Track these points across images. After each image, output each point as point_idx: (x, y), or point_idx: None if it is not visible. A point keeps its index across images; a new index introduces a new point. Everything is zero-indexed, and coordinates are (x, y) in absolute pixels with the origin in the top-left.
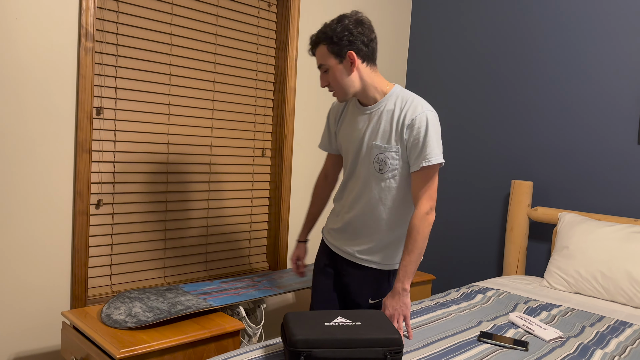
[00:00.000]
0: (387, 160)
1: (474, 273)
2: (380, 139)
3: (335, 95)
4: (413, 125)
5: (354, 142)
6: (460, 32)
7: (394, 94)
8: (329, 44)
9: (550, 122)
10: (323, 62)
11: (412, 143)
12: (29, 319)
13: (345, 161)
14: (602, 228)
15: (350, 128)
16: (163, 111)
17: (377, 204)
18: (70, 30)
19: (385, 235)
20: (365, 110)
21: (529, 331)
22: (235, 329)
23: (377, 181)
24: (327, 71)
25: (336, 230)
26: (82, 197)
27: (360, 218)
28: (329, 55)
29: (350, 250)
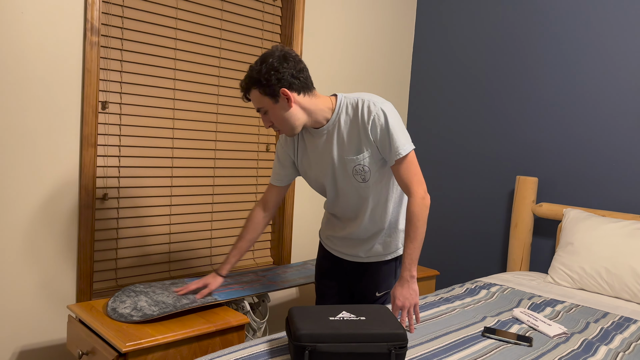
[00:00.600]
0: (364, 168)
1: (478, 269)
2: (350, 152)
3: (283, 132)
4: (375, 124)
5: (324, 164)
6: (465, 27)
7: (341, 105)
8: (259, 87)
9: (556, 118)
10: (260, 105)
11: (380, 141)
12: (34, 313)
13: (322, 185)
14: (607, 224)
15: (313, 153)
16: (168, 106)
17: (376, 207)
18: (76, 25)
19: (386, 229)
20: (322, 131)
21: (533, 327)
22: (240, 323)
23: (366, 190)
24: (267, 112)
25: (338, 238)
26: (87, 191)
27: (362, 226)
28: (262, 97)
29: (354, 252)
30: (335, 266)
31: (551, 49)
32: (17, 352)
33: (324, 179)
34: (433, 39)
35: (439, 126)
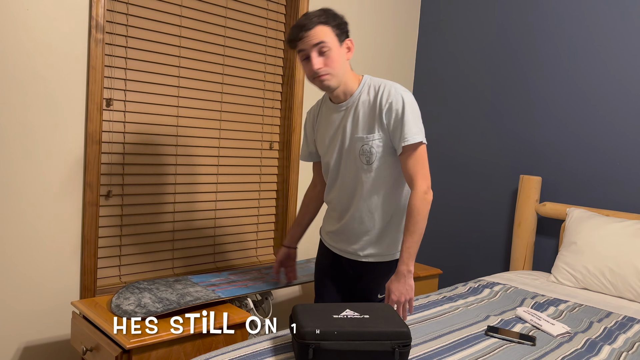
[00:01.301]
0: (372, 150)
1: (481, 268)
2: (361, 131)
3: (326, 80)
4: (391, 108)
5: (335, 141)
6: (469, 26)
7: (365, 84)
8: (331, 25)
9: (559, 117)
10: (325, 39)
11: (392, 126)
12: (39, 309)
13: (327, 163)
14: (611, 224)
15: (328, 129)
16: (172, 103)
17: (370, 195)
18: (81, 22)
19: (383, 225)
20: (340, 107)
21: (537, 326)
22: (243, 320)
23: (367, 173)
24: (326, 52)
25: (334, 232)
26: (91, 188)
27: (357, 215)
28: (330, 34)
29: (351, 249)
30: (335, 265)
31: (555, 48)
32: (22, 348)
33: (331, 156)
34: (437, 37)
35: (443, 125)
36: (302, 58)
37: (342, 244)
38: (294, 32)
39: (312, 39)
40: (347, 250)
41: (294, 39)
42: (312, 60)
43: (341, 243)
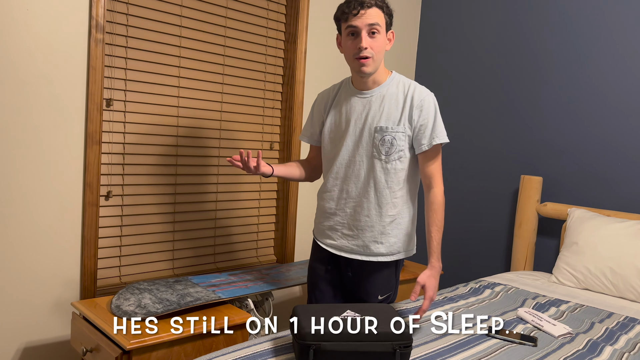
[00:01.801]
0: (394, 141)
1: (482, 268)
2: (385, 121)
3: (366, 64)
4: (422, 105)
5: (353, 127)
6: (469, 27)
7: (394, 79)
8: (384, 12)
9: (560, 117)
10: (377, 21)
11: (421, 123)
12: (39, 310)
13: (336, 149)
14: (612, 224)
15: (346, 114)
16: (172, 103)
17: (383, 189)
18: (81, 22)
19: (391, 221)
20: (364, 94)
21: (538, 327)
22: (243, 321)
23: (382, 165)
24: (375, 35)
25: (338, 228)
26: (91, 188)
27: (365, 207)
28: (383, 20)
29: (356, 247)
30: (331, 267)
31: (557, 48)
32: (22, 349)
33: (344, 142)
34: (438, 37)
35: (444, 125)
36: (348, 33)
37: (346, 240)
38: (351, 5)
39: (369, 18)
40: (350, 249)
41: (349, 12)
42: (363, 38)
43: (345, 240)
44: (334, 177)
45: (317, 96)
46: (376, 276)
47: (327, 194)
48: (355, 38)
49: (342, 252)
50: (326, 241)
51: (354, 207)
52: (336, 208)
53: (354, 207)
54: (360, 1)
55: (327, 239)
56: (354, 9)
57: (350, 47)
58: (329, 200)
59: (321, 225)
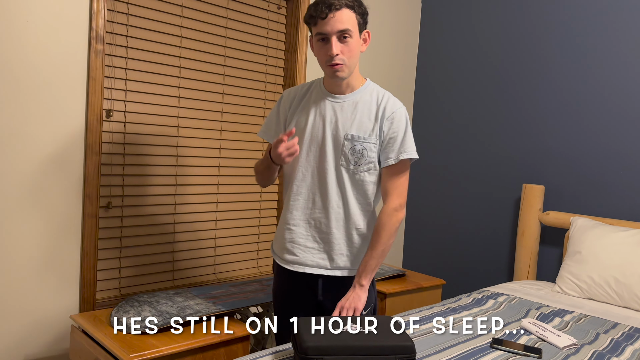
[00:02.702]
0: (364, 152)
1: (484, 277)
2: (357, 130)
3: (339, 70)
4: (393, 118)
5: (319, 131)
6: (470, 35)
7: (369, 87)
8: (356, 12)
9: (562, 125)
10: (348, 27)
11: (390, 136)
12: (38, 322)
13: (302, 154)
14: (616, 233)
15: (314, 116)
16: (172, 113)
17: (351, 200)
18: (81, 33)
19: (361, 235)
20: (337, 98)
21: (542, 338)
22: (244, 334)
23: (349, 175)
24: (347, 40)
25: (300, 241)
26: (91, 199)
27: (333, 218)
28: (354, 21)
29: (321, 260)
30: (297, 289)
31: (558, 55)
32: None
33: (309, 146)
34: (438, 45)
35: (445, 133)
36: (318, 39)
37: (312, 255)
38: (319, 8)
39: (338, 23)
40: (312, 262)
41: (317, 16)
42: (333, 45)
43: (311, 255)
44: (298, 185)
45: (283, 92)
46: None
47: (290, 203)
48: (326, 44)
49: (306, 268)
50: (286, 257)
51: (319, 218)
52: (300, 218)
53: (319, 218)
54: (328, 3)
55: (287, 254)
56: (321, 12)
57: (322, 53)
58: (292, 210)
59: (281, 239)
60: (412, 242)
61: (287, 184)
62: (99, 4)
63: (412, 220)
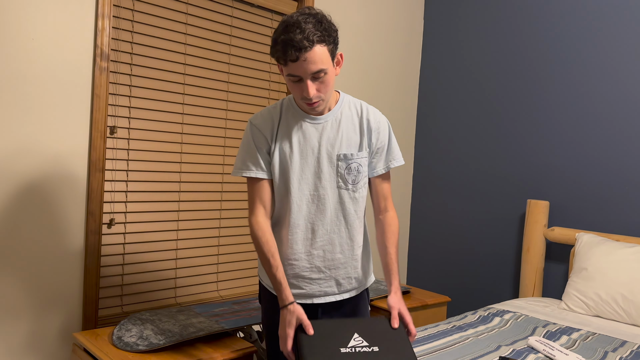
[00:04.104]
0: (360, 168)
1: (489, 294)
2: (347, 148)
3: (318, 107)
4: (379, 128)
5: (308, 157)
6: (475, 47)
7: (345, 100)
8: (328, 43)
9: (567, 140)
10: (322, 67)
11: (378, 146)
12: (39, 340)
13: (293, 184)
14: (622, 249)
15: (297, 142)
16: (176, 130)
17: (354, 220)
18: (86, 50)
19: (361, 250)
20: (317, 119)
21: (550, 356)
22: (248, 352)
23: (349, 194)
24: (322, 78)
25: (304, 275)
26: (94, 216)
27: (337, 244)
28: (327, 56)
29: (329, 288)
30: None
31: (563, 72)
32: None
33: (301, 174)
34: (441, 58)
35: (449, 148)
36: (290, 79)
37: (313, 285)
38: (287, 51)
39: (311, 65)
40: (319, 292)
41: (287, 58)
42: (308, 87)
43: (311, 284)
44: (295, 217)
45: (252, 122)
46: (352, 310)
47: (288, 237)
48: (300, 83)
49: (314, 299)
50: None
51: (322, 246)
52: (301, 252)
53: (322, 247)
54: (298, 46)
55: (292, 289)
56: (290, 55)
57: (295, 90)
58: (292, 244)
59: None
60: (417, 258)
61: (278, 217)
62: (104, 22)
63: (417, 236)
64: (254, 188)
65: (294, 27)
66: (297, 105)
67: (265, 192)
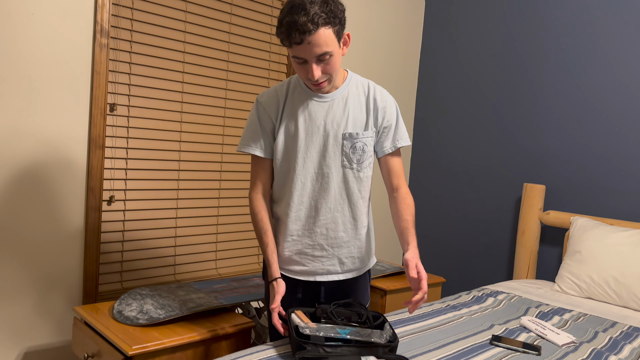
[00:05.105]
0: (365, 147)
1: (484, 276)
2: (352, 127)
3: (324, 88)
4: (386, 107)
5: (314, 135)
6: (473, 35)
7: (353, 79)
8: (333, 25)
9: (564, 125)
10: (328, 49)
11: (385, 126)
12: (40, 314)
13: (297, 162)
14: (616, 233)
15: (303, 120)
16: (176, 108)
17: (357, 200)
18: (86, 27)
19: (365, 230)
20: (324, 97)
21: (542, 335)
22: (246, 328)
23: (354, 174)
24: (329, 57)
25: (307, 252)
26: (94, 193)
27: (341, 222)
28: (333, 38)
29: (331, 267)
30: (303, 296)
31: (559, 56)
32: (22, 354)
33: (305, 152)
34: (440, 46)
35: (446, 133)
36: (296, 61)
37: (315, 262)
38: (293, 34)
39: (314, 47)
40: (322, 270)
41: (292, 41)
42: (313, 70)
43: (314, 262)
44: (299, 194)
45: (259, 99)
46: (353, 291)
47: (292, 214)
48: (305, 65)
49: (317, 277)
50: (294, 268)
51: (325, 224)
52: (305, 229)
53: (325, 225)
54: (302, 29)
55: (295, 265)
56: (294, 38)
57: (300, 72)
58: (296, 221)
59: (284, 251)
60: None
61: (281, 194)
62: None
63: None
64: (255, 165)
65: (299, 8)
66: (305, 85)
67: (264, 171)
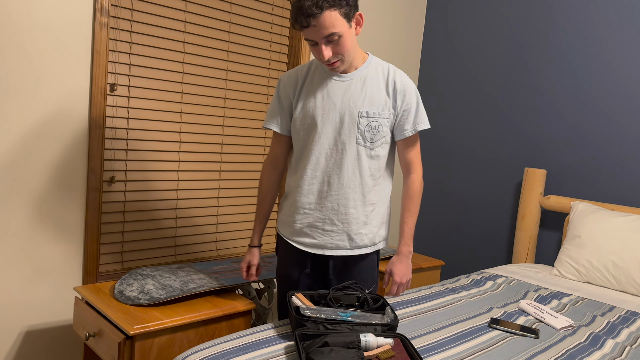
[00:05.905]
0: (380, 127)
1: (483, 260)
2: (369, 106)
3: (337, 67)
4: (405, 90)
5: (330, 113)
6: (474, 20)
7: (373, 61)
8: (339, 7)
9: (565, 109)
10: (334, 30)
11: (404, 109)
12: (41, 294)
13: (314, 138)
14: (615, 218)
15: (321, 97)
16: (176, 89)
17: (367, 177)
18: (86, 5)
19: (372, 210)
20: (343, 77)
21: (540, 319)
22: (246, 309)
23: (367, 152)
24: (338, 39)
25: (318, 225)
26: (95, 173)
27: (351, 198)
28: (340, 20)
29: (340, 242)
30: (311, 271)
31: (560, 41)
32: (24, 333)
33: (322, 129)
34: (443, 30)
35: (448, 117)
36: (311, 44)
37: (325, 236)
38: (299, 18)
39: (321, 29)
40: (331, 244)
41: (300, 24)
42: (322, 51)
43: (324, 235)
44: (313, 169)
45: (281, 78)
46: (360, 270)
47: (305, 187)
48: (316, 46)
49: (326, 250)
50: (304, 240)
51: (337, 199)
52: (317, 202)
53: (336, 200)
54: (307, 13)
55: (306, 238)
56: (302, 22)
57: (314, 53)
58: (308, 194)
59: (296, 223)
60: None
61: (297, 167)
62: None
63: None
64: (273, 139)
65: None
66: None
67: (279, 146)
